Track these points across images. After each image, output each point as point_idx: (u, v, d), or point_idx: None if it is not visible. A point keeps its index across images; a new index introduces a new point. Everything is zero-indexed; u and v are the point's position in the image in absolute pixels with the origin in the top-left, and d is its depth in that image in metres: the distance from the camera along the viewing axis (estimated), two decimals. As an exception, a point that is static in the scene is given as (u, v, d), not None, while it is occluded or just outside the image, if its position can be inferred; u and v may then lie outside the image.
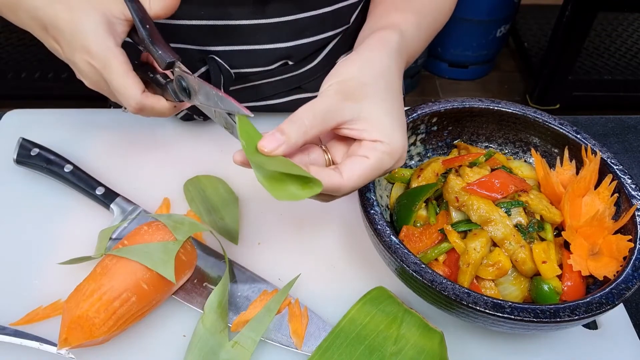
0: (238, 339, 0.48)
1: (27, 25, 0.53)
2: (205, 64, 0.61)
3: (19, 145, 0.61)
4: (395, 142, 0.43)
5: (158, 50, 0.49)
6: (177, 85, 0.49)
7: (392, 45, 0.48)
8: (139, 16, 0.50)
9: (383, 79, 0.45)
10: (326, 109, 0.42)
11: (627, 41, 2.30)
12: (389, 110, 0.44)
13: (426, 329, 0.49)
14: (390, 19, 0.54)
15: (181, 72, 0.48)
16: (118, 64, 0.48)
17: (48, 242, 0.57)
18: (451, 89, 2.31)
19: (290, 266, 0.56)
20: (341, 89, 0.43)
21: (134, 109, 0.51)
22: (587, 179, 0.53)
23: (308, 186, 0.40)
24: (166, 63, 0.48)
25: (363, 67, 0.45)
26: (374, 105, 0.44)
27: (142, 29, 0.49)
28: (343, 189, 0.42)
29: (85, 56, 0.49)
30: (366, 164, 0.42)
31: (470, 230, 0.51)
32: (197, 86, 0.46)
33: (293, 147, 0.41)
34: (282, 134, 0.40)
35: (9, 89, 2.02)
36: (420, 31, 0.55)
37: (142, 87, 0.50)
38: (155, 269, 0.47)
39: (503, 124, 0.61)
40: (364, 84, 0.44)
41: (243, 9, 0.59)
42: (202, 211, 0.59)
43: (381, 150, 0.43)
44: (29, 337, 0.47)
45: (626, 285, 0.45)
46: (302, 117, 0.41)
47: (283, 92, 0.70)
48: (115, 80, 0.49)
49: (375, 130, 0.43)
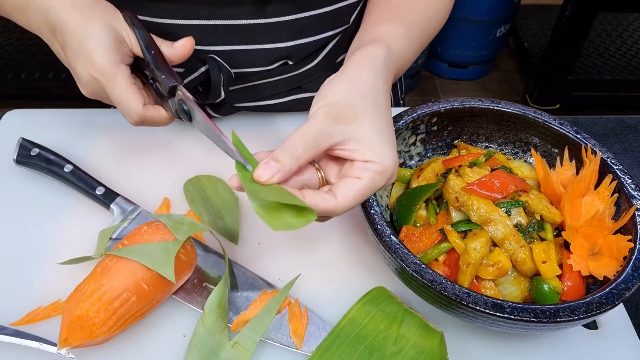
0: (238, 339, 0.48)
1: (35, 26, 0.53)
2: (205, 64, 0.61)
3: (19, 145, 0.61)
4: (386, 160, 0.44)
5: (162, 74, 0.50)
6: (178, 107, 0.51)
7: (378, 62, 0.48)
8: (144, 42, 0.52)
9: (371, 98, 0.46)
10: (317, 133, 0.43)
11: (627, 41, 2.30)
12: (379, 129, 0.45)
13: (426, 329, 0.49)
14: (378, 31, 0.54)
15: (183, 97, 0.49)
16: (121, 78, 0.50)
17: (48, 242, 0.57)
18: (451, 89, 2.31)
19: (290, 266, 0.56)
20: (330, 112, 0.44)
21: (135, 122, 0.52)
22: (587, 179, 0.53)
23: (303, 214, 0.41)
24: (169, 87, 0.50)
25: (350, 88, 0.46)
26: (363, 125, 0.44)
27: (147, 53, 0.51)
28: (338, 211, 0.43)
29: (89, 69, 0.50)
30: (359, 185, 0.43)
31: (470, 230, 0.51)
32: (199, 118, 0.47)
33: (288, 173, 0.42)
34: (277, 162, 0.41)
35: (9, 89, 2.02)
36: (410, 42, 0.56)
37: (143, 100, 0.51)
38: (155, 269, 0.47)
39: (503, 124, 0.61)
40: (352, 105, 0.44)
41: (243, 8, 0.59)
42: (202, 211, 0.59)
43: (373, 170, 0.43)
44: (29, 337, 0.47)
45: (626, 285, 0.45)
46: (295, 143, 0.42)
47: (283, 92, 0.70)
48: (117, 94, 0.50)
49: (367, 150, 0.43)
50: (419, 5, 0.59)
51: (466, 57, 2.25)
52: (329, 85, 0.47)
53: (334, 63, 0.71)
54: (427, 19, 0.60)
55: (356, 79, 0.46)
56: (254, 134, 0.69)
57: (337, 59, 0.72)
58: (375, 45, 0.50)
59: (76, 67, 0.50)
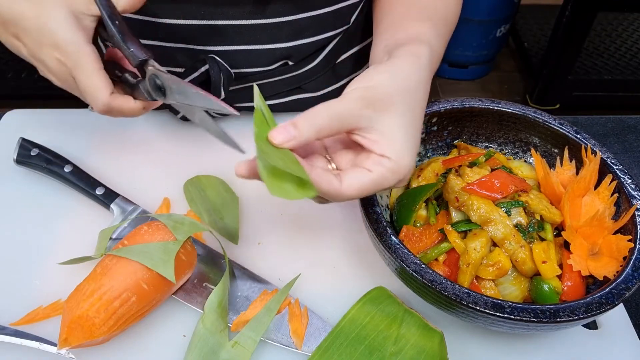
0: (238, 339, 0.48)
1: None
2: (205, 64, 0.61)
3: (19, 145, 0.61)
4: (402, 161, 0.42)
5: (130, 47, 0.46)
6: (150, 83, 0.47)
7: (424, 61, 0.47)
8: (107, 12, 0.47)
9: (409, 94, 0.45)
10: (344, 112, 0.41)
11: (627, 41, 2.30)
12: (406, 127, 0.43)
13: (426, 329, 0.49)
14: (414, 30, 0.52)
15: (155, 70, 0.46)
16: (88, 61, 0.46)
17: (48, 242, 0.57)
18: (451, 89, 2.31)
19: (290, 266, 0.56)
20: (365, 95, 0.42)
21: (101, 110, 0.49)
22: (587, 179, 0.53)
23: (303, 188, 0.40)
24: (139, 60, 0.46)
25: (393, 79, 0.44)
26: (392, 119, 0.43)
27: (111, 24, 0.47)
28: (340, 197, 0.42)
29: (54, 53, 0.47)
30: (368, 177, 0.42)
31: (470, 230, 0.51)
32: (174, 85, 0.44)
33: (303, 143, 0.41)
34: (295, 128, 0.40)
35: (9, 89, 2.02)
36: (440, 41, 0.54)
37: (110, 87, 0.48)
38: (155, 269, 0.47)
39: (503, 124, 0.61)
40: (389, 95, 0.43)
41: (243, 9, 0.59)
42: (202, 211, 0.59)
43: (386, 167, 0.42)
44: (29, 337, 0.47)
45: (626, 285, 0.45)
46: (319, 115, 0.41)
47: (283, 92, 0.70)
48: (83, 80, 0.47)
49: (386, 145, 0.42)
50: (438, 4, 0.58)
51: (466, 57, 2.25)
52: (372, 71, 0.45)
53: (334, 63, 0.71)
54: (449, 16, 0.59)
55: (402, 72, 0.45)
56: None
57: (337, 59, 0.72)
58: (419, 44, 0.49)
59: (41, 55, 0.48)
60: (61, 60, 0.47)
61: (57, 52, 0.47)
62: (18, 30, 0.48)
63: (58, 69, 0.48)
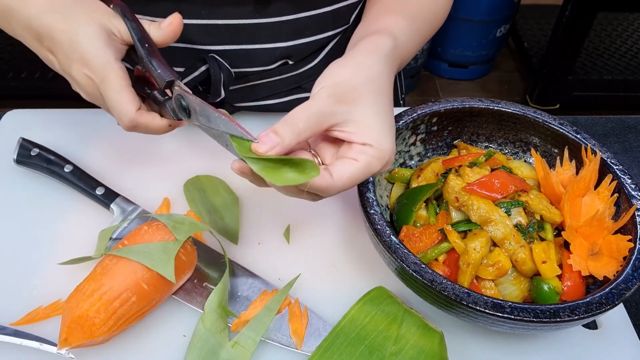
0: (238, 339, 0.48)
1: (20, 35, 0.51)
2: (206, 63, 0.61)
3: (19, 145, 0.61)
4: (383, 146, 0.44)
5: (157, 69, 0.47)
6: (176, 104, 0.48)
7: (385, 52, 0.49)
8: (137, 35, 0.49)
9: (374, 83, 0.46)
10: (319, 111, 0.43)
11: (627, 41, 2.30)
12: (379, 114, 0.45)
13: (426, 329, 0.49)
14: (384, 23, 0.54)
15: (181, 91, 0.46)
16: (115, 78, 0.47)
17: (48, 242, 0.57)
18: (451, 89, 2.31)
19: (290, 266, 0.56)
20: (334, 92, 0.44)
21: (127, 126, 0.49)
22: (587, 179, 0.53)
23: (305, 172, 0.41)
24: (165, 82, 0.47)
25: (356, 71, 0.46)
26: (364, 109, 0.44)
27: (140, 48, 0.48)
28: (332, 189, 0.43)
29: (83, 69, 0.48)
30: (355, 166, 0.43)
31: (470, 230, 0.51)
32: (198, 107, 0.45)
33: (287, 148, 0.42)
34: (277, 135, 0.41)
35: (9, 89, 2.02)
36: (412, 35, 0.56)
37: (137, 104, 0.49)
38: (155, 269, 0.47)
39: (503, 124, 0.61)
40: (355, 87, 0.45)
41: (244, 8, 0.59)
42: (202, 211, 0.59)
43: (370, 154, 0.43)
44: (29, 337, 0.47)
45: (626, 285, 0.45)
46: (296, 119, 0.42)
47: (283, 91, 0.70)
48: (111, 96, 0.48)
49: (365, 133, 0.44)
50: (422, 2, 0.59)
51: (466, 57, 2.25)
52: (333, 67, 0.47)
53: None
54: (429, 14, 0.60)
55: (362, 64, 0.47)
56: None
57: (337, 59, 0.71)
58: (381, 35, 0.50)
59: (71, 71, 0.49)
60: (89, 75, 0.48)
61: (85, 68, 0.47)
62: (52, 45, 0.48)
63: (86, 84, 0.49)
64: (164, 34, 0.50)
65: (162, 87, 0.48)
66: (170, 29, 0.51)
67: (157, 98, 0.50)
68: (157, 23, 0.51)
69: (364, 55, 0.48)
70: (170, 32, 0.51)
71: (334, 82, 0.45)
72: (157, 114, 0.51)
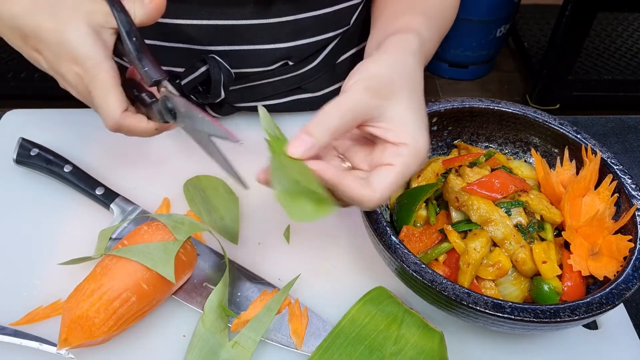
0: (238, 339, 0.48)
1: (3, 33, 0.50)
2: (206, 63, 0.61)
3: (19, 145, 0.61)
4: (419, 144, 0.43)
5: (145, 66, 0.46)
6: (162, 105, 0.47)
7: (414, 47, 0.48)
8: (126, 28, 0.47)
9: (408, 79, 0.45)
10: (355, 106, 0.42)
11: (627, 41, 2.30)
12: (414, 110, 0.44)
13: (426, 329, 0.49)
14: (403, 22, 0.53)
15: (167, 92, 0.45)
16: (105, 77, 0.46)
17: (48, 242, 0.57)
18: (451, 89, 2.31)
19: (290, 266, 0.56)
20: (370, 86, 0.42)
21: (111, 126, 0.48)
22: (587, 179, 0.53)
23: (322, 205, 0.40)
24: (152, 81, 0.46)
25: (391, 66, 0.45)
26: (399, 104, 0.43)
27: (128, 41, 0.46)
28: (373, 201, 0.42)
29: (73, 67, 0.46)
30: (394, 172, 0.42)
31: (470, 230, 0.51)
32: (184, 108, 0.44)
33: (322, 148, 0.41)
34: (310, 136, 0.40)
35: (9, 89, 2.02)
36: (432, 33, 0.55)
37: (124, 105, 0.47)
38: (155, 269, 0.47)
39: (503, 124, 0.61)
40: (392, 81, 0.43)
41: (244, 9, 0.59)
42: (202, 211, 0.59)
43: (406, 155, 0.42)
44: (29, 337, 0.47)
45: (626, 286, 0.45)
46: (330, 116, 0.41)
47: (283, 92, 0.70)
48: (98, 95, 0.46)
49: (401, 130, 0.43)
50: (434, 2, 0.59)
51: (466, 57, 2.25)
52: (366, 63, 0.45)
53: (334, 64, 0.71)
54: (445, 12, 0.60)
55: (396, 59, 0.46)
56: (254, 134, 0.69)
57: (337, 59, 0.72)
58: (407, 33, 0.50)
59: (60, 69, 0.48)
60: (79, 74, 0.47)
61: (75, 66, 0.46)
62: (38, 44, 0.47)
63: (76, 83, 0.48)
64: (147, 12, 0.48)
65: (149, 85, 0.46)
66: (153, 5, 0.48)
67: (144, 100, 0.49)
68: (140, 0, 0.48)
69: (396, 52, 0.47)
70: (154, 8, 0.48)
71: (369, 76, 0.43)
72: (145, 116, 0.50)
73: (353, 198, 0.41)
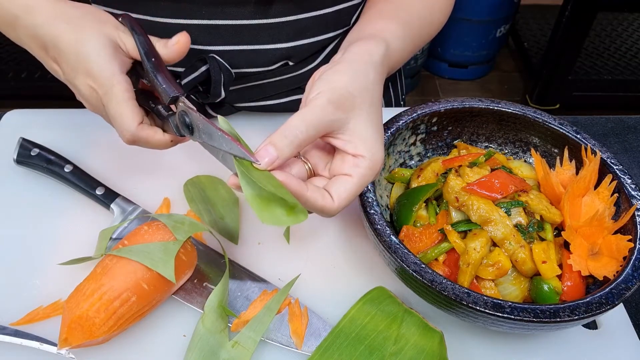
0: (238, 339, 0.48)
1: (26, 43, 0.51)
2: (206, 63, 0.61)
3: (19, 145, 0.61)
4: (376, 156, 0.44)
5: (162, 84, 0.47)
6: (179, 120, 0.47)
7: (377, 59, 0.49)
8: (144, 49, 0.48)
9: (369, 92, 0.46)
10: (319, 120, 0.42)
11: (627, 41, 2.30)
12: (372, 123, 0.45)
13: (426, 328, 0.49)
14: (377, 27, 0.54)
15: (185, 108, 0.46)
16: (119, 91, 0.47)
17: (48, 242, 0.57)
18: (451, 89, 2.31)
19: (290, 266, 0.56)
20: (333, 99, 0.43)
21: (128, 139, 0.49)
22: (587, 179, 0.53)
23: (294, 213, 0.40)
24: (170, 98, 0.47)
25: (352, 79, 0.45)
26: (359, 117, 0.44)
27: (147, 61, 0.48)
28: (333, 210, 0.43)
29: (88, 80, 0.47)
30: (351, 183, 0.43)
31: (470, 230, 0.51)
32: (202, 125, 0.44)
33: (285, 161, 0.42)
34: (275, 148, 0.41)
35: (9, 89, 2.02)
36: (404, 43, 0.56)
37: (140, 118, 0.48)
38: (155, 268, 0.47)
39: (503, 124, 0.61)
40: (353, 95, 0.44)
41: (245, 9, 0.59)
42: (202, 211, 0.59)
43: (364, 167, 0.44)
44: (29, 337, 0.47)
45: (626, 285, 0.45)
46: (295, 130, 0.42)
47: (283, 92, 0.70)
48: (113, 108, 0.47)
49: (360, 143, 0.44)
50: (416, 7, 0.59)
51: (466, 57, 2.25)
52: (329, 72, 0.46)
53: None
54: (424, 22, 0.60)
55: (358, 71, 0.46)
56: (254, 135, 0.69)
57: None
58: (375, 41, 0.50)
59: (75, 82, 0.48)
60: (93, 87, 0.47)
61: (90, 80, 0.47)
62: (57, 54, 0.48)
63: (90, 95, 0.48)
64: (170, 52, 0.50)
65: (167, 102, 0.47)
66: (177, 47, 0.50)
67: (160, 112, 0.50)
68: (163, 41, 0.51)
69: (358, 63, 0.47)
70: (176, 50, 0.50)
71: (332, 88, 0.44)
72: (160, 128, 0.50)
73: (314, 208, 0.43)
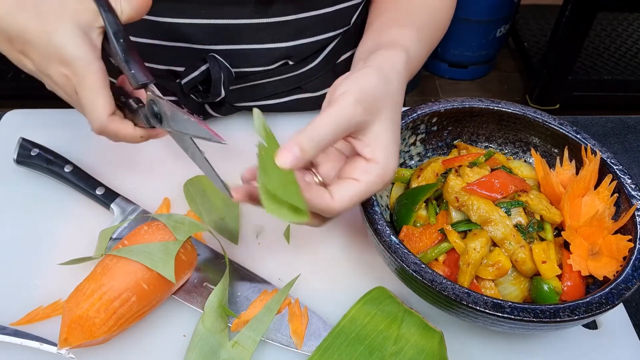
0: (238, 339, 0.48)
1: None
2: (206, 62, 0.61)
3: (19, 145, 0.61)
4: (389, 165, 0.44)
5: (131, 69, 0.45)
6: (148, 109, 0.46)
7: (400, 66, 0.48)
8: (113, 28, 0.45)
9: (393, 99, 0.46)
10: (346, 120, 0.42)
11: (627, 41, 2.30)
12: (392, 131, 0.45)
13: (426, 329, 0.49)
14: (394, 35, 0.54)
15: (153, 96, 0.45)
16: (94, 79, 0.45)
17: (48, 242, 0.57)
18: (451, 89, 2.31)
19: (290, 266, 0.56)
20: (360, 99, 0.43)
21: (96, 129, 0.47)
22: (586, 179, 0.53)
23: (298, 214, 0.41)
24: (139, 84, 0.45)
25: (380, 82, 0.45)
26: (382, 123, 0.44)
27: (115, 42, 0.45)
28: (332, 211, 0.43)
29: (62, 69, 0.45)
30: (357, 187, 0.43)
31: (470, 230, 0.51)
32: (169, 111, 0.44)
33: (309, 160, 0.41)
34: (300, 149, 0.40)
35: (9, 89, 2.02)
36: (421, 47, 0.56)
37: (112, 109, 0.47)
38: (155, 268, 0.47)
39: (503, 124, 0.61)
40: (380, 99, 0.44)
41: (245, 8, 0.59)
42: (202, 211, 0.59)
43: (374, 174, 0.43)
44: (29, 337, 0.47)
45: (626, 285, 0.45)
46: (322, 129, 0.41)
47: (283, 92, 0.70)
48: (85, 97, 0.45)
49: (378, 147, 0.43)
50: (426, 9, 0.59)
51: (466, 57, 2.25)
52: (356, 74, 0.45)
53: (334, 64, 0.71)
54: (434, 24, 0.60)
55: (385, 77, 0.46)
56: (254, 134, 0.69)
57: (338, 59, 0.72)
58: (395, 49, 0.50)
59: (48, 70, 0.46)
60: (67, 75, 0.46)
61: (63, 68, 0.45)
62: (24, 45, 0.46)
63: (64, 84, 0.47)
64: (134, 7, 0.47)
65: (135, 87, 0.46)
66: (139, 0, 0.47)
67: (131, 106, 0.48)
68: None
69: (383, 70, 0.47)
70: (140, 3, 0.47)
71: (360, 88, 0.43)
72: (131, 122, 0.49)
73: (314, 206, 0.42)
